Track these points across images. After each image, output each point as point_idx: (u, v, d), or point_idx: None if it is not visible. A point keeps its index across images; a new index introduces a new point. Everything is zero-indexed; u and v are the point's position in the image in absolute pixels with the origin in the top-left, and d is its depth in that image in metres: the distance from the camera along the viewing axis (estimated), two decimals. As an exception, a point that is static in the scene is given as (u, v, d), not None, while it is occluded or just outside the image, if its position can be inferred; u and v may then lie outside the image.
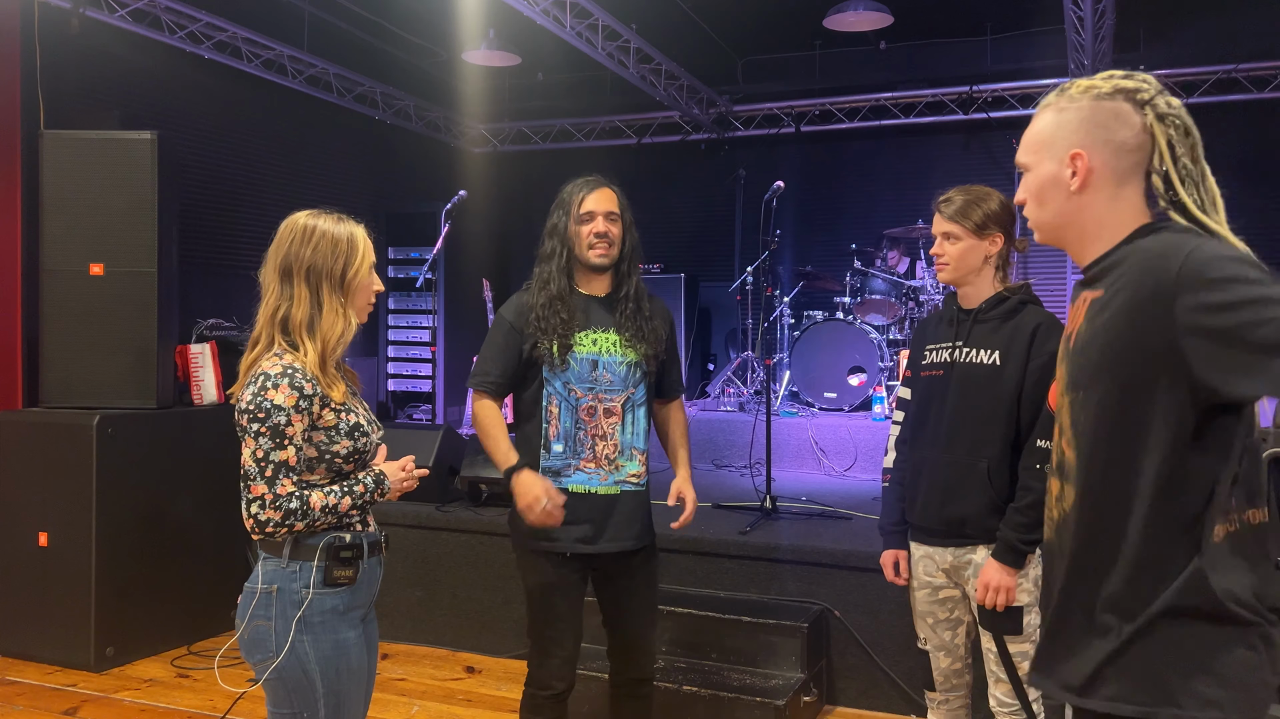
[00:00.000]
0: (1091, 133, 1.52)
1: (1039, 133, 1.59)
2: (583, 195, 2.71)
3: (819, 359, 6.71)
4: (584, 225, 2.69)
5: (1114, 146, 1.51)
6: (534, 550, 2.69)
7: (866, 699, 3.86)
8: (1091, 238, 1.55)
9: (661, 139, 8.33)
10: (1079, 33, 5.88)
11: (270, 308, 2.09)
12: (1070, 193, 1.54)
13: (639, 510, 2.74)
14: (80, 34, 5.09)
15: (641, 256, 2.81)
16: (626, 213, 2.75)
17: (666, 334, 2.83)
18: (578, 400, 2.67)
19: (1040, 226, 1.62)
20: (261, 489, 1.97)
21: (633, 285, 2.74)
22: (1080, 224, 1.56)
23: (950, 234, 2.54)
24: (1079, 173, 1.53)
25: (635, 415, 2.72)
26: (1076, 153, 1.53)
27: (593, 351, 2.68)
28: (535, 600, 2.71)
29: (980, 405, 2.47)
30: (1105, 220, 1.54)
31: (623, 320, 2.71)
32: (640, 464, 2.73)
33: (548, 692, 2.70)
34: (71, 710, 3.81)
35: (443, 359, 7.32)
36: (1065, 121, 1.55)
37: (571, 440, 2.67)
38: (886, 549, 2.73)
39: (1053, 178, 1.56)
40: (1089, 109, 1.53)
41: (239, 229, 6.15)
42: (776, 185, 5.43)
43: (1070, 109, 1.55)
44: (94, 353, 4.36)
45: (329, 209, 2.16)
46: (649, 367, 2.74)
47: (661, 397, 2.90)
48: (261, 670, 2.04)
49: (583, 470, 2.68)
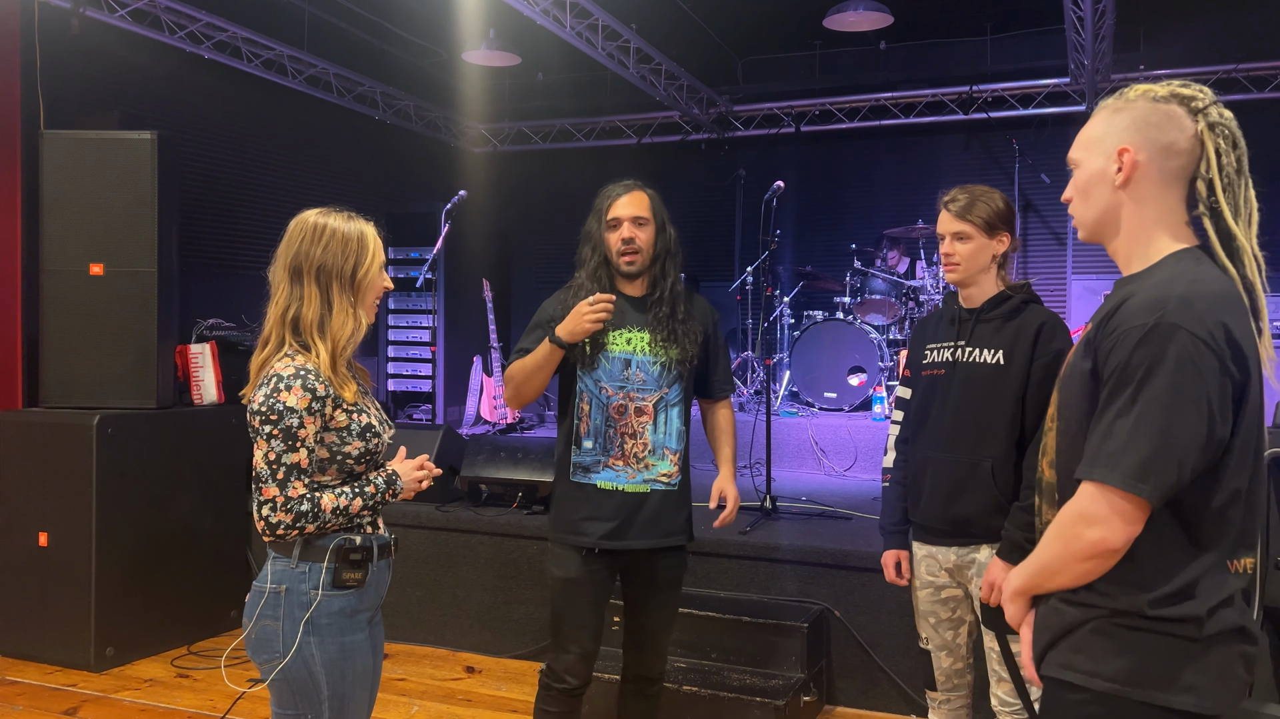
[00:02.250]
0: (1142, 131, 1.55)
1: (1092, 131, 1.62)
2: (611, 201, 2.72)
3: (819, 359, 6.71)
4: (612, 232, 2.70)
5: (1162, 146, 1.54)
6: (563, 544, 2.71)
7: (866, 699, 3.86)
8: (1135, 235, 1.57)
9: (661, 139, 8.33)
10: (1079, 33, 5.88)
11: (280, 307, 2.07)
12: (1114, 187, 1.57)
13: (670, 509, 2.73)
14: (80, 34, 5.09)
15: (679, 258, 2.78)
16: (660, 215, 2.73)
17: (710, 333, 2.83)
18: (608, 398, 2.68)
19: (1084, 223, 1.64)
20: (273, 491, 1.97)
21: (667, 287, 2.73)
22: (1120, 221, 1.58)
23: (961, 233, 2.52)
24: (1124, 167, 1.55)
25: (668, 415, 2.72)
26: (1124, 148, 1.55)
27: (626, 351, 2.69)
28: (557, 594, 2.73)
29: (984, 404, 2.46)
30: (1148, 219, 1.56)
31: (656, 322, 2.71)
32: (673, 464, 2.72)
33: (561, 684, 2.71)
34: (71, 710, 3.80)
35: (443, 359, 7.32)
36: (1118, 121, 1.58)
37: (601, 437, 2.68)
38: (888, 549, 2.72)
39: (1099, 172, 1.59)
40: (1143, 110, 1.56)
41: (239, 229, 6.15)
42: (776, 185, 5.43)
43: (1125, 110, 1.58)
44: (94, 353, 4.36)
45: (339, 207, 2.15)
46: (683, 369, 2.73)
47: (707, 396, 2.90)
48: (267, 671, 2.03)
49: (610, 468, 2.68)
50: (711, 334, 2.84)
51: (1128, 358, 1.44)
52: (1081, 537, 1.46)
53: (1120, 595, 1.47)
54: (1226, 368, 1.42)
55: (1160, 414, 1.41)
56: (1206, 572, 1.46)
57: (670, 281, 2.74)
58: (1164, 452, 1.40)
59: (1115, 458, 1.42)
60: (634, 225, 2.68)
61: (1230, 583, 1.47)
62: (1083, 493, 1.46)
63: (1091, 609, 1.50)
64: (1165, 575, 1.46)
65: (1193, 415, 1.40)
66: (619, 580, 2.81)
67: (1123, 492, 1.42)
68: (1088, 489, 1.45)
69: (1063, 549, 1.50)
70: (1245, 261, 1.52)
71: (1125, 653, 1.47)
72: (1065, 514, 1.50)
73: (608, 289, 2.68)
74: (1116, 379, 1.45)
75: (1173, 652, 1.45)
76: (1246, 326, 1.47)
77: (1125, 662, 1.47)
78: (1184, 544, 1.46)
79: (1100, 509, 1.44)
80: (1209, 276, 1.49)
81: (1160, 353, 1.41)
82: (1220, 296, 1.46)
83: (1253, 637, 1.50)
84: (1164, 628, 1.45)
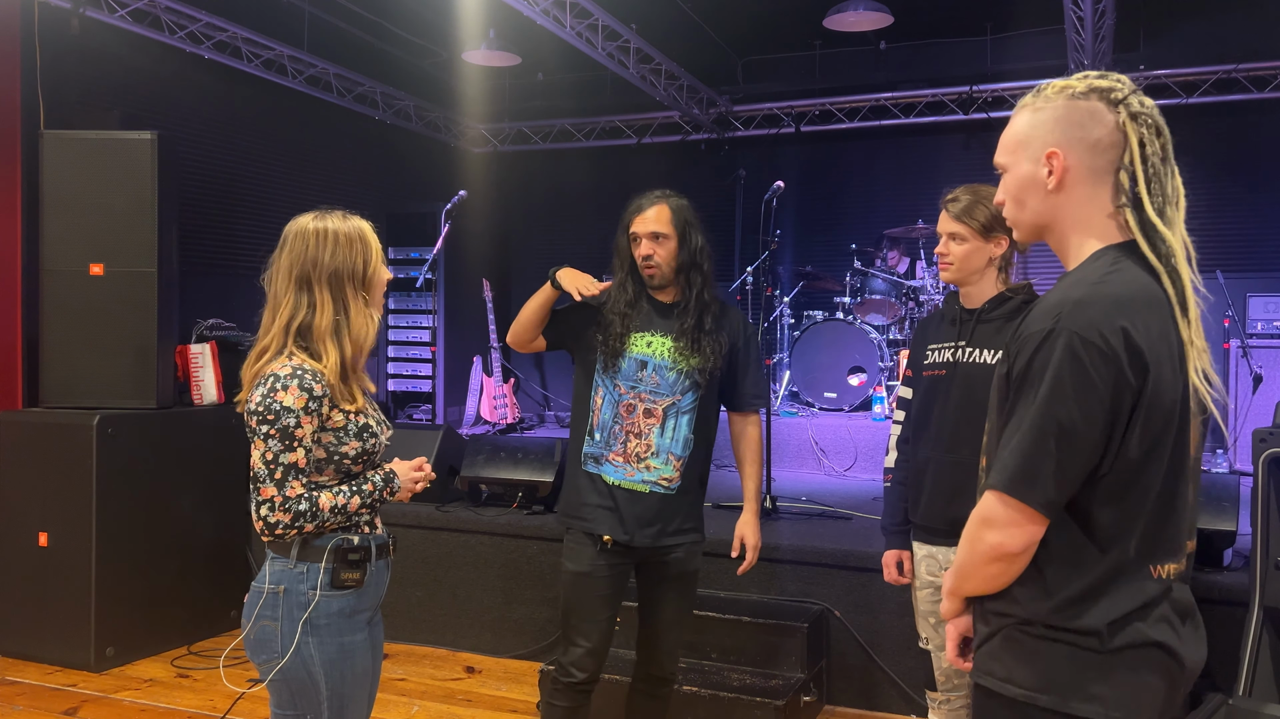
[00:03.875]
0: (1067, 131, 1.52)
1: (1015, 133, 1.59)
2: (633, 216, 2.75)
3: (819, 359, 6.71)
4: (634, 247, 2.75)
5: (1089, 145, 1.51)
6: (574, 535, 2.75)
7: (866, 699, 3.86)
8: (1069, 237, 1.56)
9: (661, 139, 8.33)
10: (1079, 33, 5.88)
11: (284, 317, 2.05)
12: (1047, 192, 1.55)
13: (669, 512, 2.74)
14: (80, 34, 5.09)
15: (706, 268, 2.78)
16: (682, 227, 2.74)
17: (739, 345, 2.83)
18: (620, 396, 2.72)
19: (1019, 226, 1.62)
20: (271, 491, 1.97)
21: (693, 297, 2.74)
22: (1059, 223, 1.56)
23: (956, 234, 2.53)
24: (1055, 171, 1.53)
25: (678, 422, 2.74)
26: (1052, 152, 1.53)
27: (645, 353, 2.72)
28: (568, 587, 2.76)
29: (984, 405, 2.44)
30: (1081, 219, 1.54)
31: (681, 330, 2.73)
32: (674, 470, 2.74)
33: (568, 678, 2.72)
34: (71, 710, 3.80)
35: (443, 359, 7.32)
36: (1041, 121, 1.55)
37: (607, 432, 2.73)
38: (889, 549, 2.73)
39: (1030, 177, 1.56)
40: (1064, 108, 1.53)
41: (239, 229, 6.15)
42: (776, 185, 5.43)
43: (1046, 109, 1.55)
44: (94, 353, 4.36)
45: (330, 208, 2.14)
46: (700, 378, 2.74)
47: (734, 408, 2.91)
48: (266, 671, 2.03)
49: (611, 462, 2.73)
50: (741, 346, 2.84)
51: (1027, 364, 1.44)
52: (983, 539, 1.47)
53: (1027, 603, 1.47)
54: (1121, 372, 1.39)
55: (1046, 420, 1.40)
56: (1114, 577, 1.44)
57: (696, 291, 2.75)
58: (1047, 459, 1.40)
59: (1005, 464, 1.43)
60: (651, 241, 2.71)
61: (1149, 588, 1.45)
62: (985, 497, 1.47)
63: (1004, 618, 1.50)
64: (1067, 581, 1.45)
65: (1079, 420, 1.39)
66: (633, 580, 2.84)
67: (1011, 498, 1.42)
68: (987, 494, 1.47)
69: (970, 552, 1.50)
70: (1172, 252, 1.48)
71: (1032, 661, 1.47)
72: (972, 517, 1.50)
73: (635, 298, 2.74)
74: (1017, 385, 1.46)
75: (1077, 662, 1.44)
76: (1160, 326, 1.43)
77: (1033, 669, 1.46)
78: (1088, 550, 1.44)
79: (997, 514, 1.45)
80: (1119, 279, 1.46)
81: (1049, 359, 1.41)
82: (1125, 299, 1.43)
83: (1174, 652, 1.45)
84: (1067, 638, 1.44)
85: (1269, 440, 3.14)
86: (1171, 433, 1.45)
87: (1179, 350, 1.45)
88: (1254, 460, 3.15)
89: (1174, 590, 1.48)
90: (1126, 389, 1.40)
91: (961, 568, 1.54)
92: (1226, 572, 3.51)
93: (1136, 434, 1.41)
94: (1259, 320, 6.02)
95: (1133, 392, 1.40)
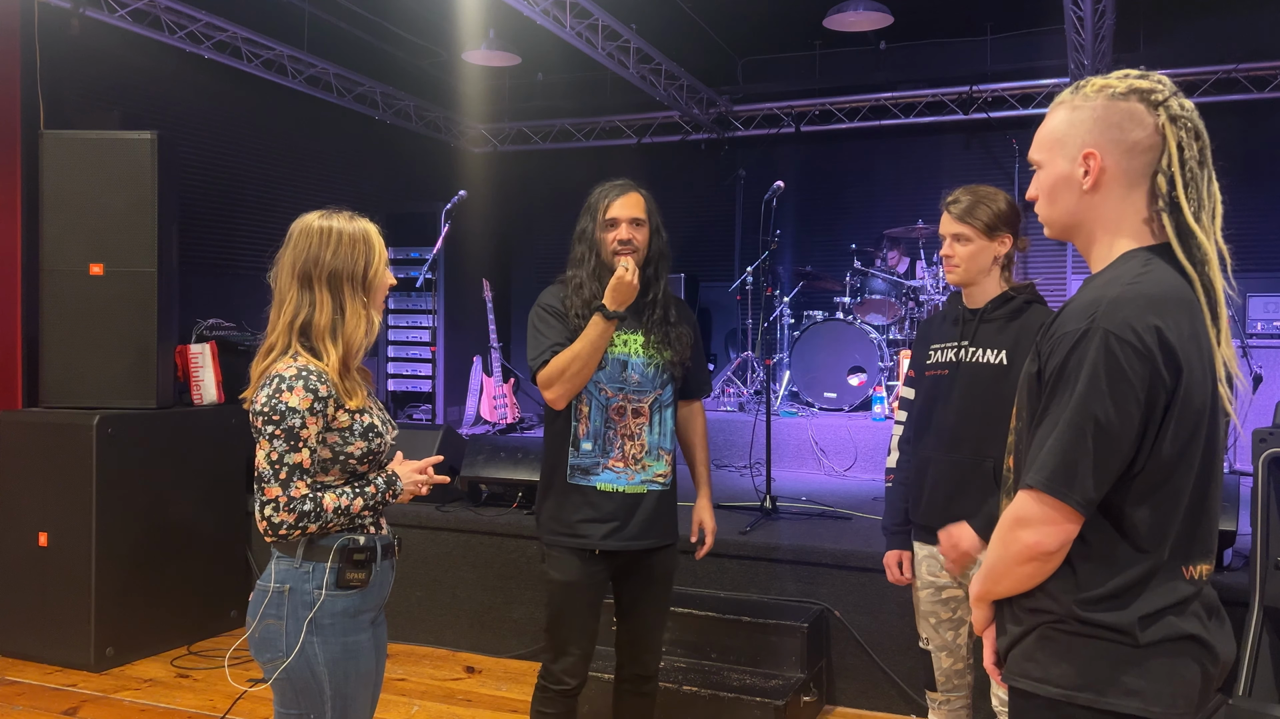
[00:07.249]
0: (1105, 132, 1.51)
1: (1052, 130, 1.58)
2: (608, 201, 2.70)
3: (819, 359, 6.71)
4: (609, 232, 2.69)
5: (1126, 147, 1.51)
6: (562, 547, 2.71)
7: (866, 699, 3.86)
8: (1099, 237, 1.56)
9: (661, 139, 8.33)
10: (1079, 33, 5.88)
11: (288, 315, 2.06)
12: (1082, 192, 1.54)
13: (664, 509, 2.75)
14: (80, 34, 5.09)
15: (670, 261, 2.79)
16: (654, 217, 2.73)
17: (696, 335, 2.85)
18: (608, 400, 2.68)
19: (1050, 223, 1.62)
20: (275, 491, 1.97)
21: (659, 290, 2.74)
22: (1089, 223, 1.56)
23: (961, 235, 2.53)
24: (1091, 172, 1.53)
25: (662, 417, 2.74)
26: (1089, 152, 1.52)
27: (623, 352, 2.70)
28: (557, 596, 2.72)
29: (986, 405, 2.46)
30: (1114, 220, 1.54)
31: (649, 324, 2.72)
32: (666, 464, 2.75)
33: (560, 686, 2.71)
34: (71, 710, 3.80)
35: (443, 359, 7.32)
36: (1079, 120, 1.54)
37: (601, 439, 2.68)
38: (890, 549, 2.73)
39: (1065, 176, 1.56)
40: (1103, 108, 1.52)
41: (239, 229, 6.15)
42: (776, 185, 5.43)
43: (1084, 107, 1.54)
44: (94, 353, 4.36)
45: (337, 208, 2.14)
46: (675, 371, 2.75)
47: (685, 396, 2.90)
48: (270, 670, 2.04)
49: (610, 469, 2.69)
50: (696, 336, 2.86)
51: (1062, 363, 1.44)
52: (1018, 539, 1.47)
53: (1061, 600, 1.47)
54: (1156, 369, 1.39)
55: (1083, 418, 1.40)
56: (1148, 578, 1.44)
57: (663, 284, 2.76)
58: (1085, 457, 1.40)
59: (1042, 462, 1.43)
60: (631, 226, 2.68)
61: (1181, 589, 1.45)
62: (1019, 497, 1.48)
63: (1039, 615, 1.50)
64: (1099, 579, 1.45)
65: (1115, 417, 1.39)
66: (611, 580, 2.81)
67: (1049, 496, 1.42)
68: (1022, 493, 1.47)
69: (1003, 552, 1.50)
70: (1206, 258, 1.48)
71: (1068, 658, 1.47)
72: (1004, 518, 1.51)
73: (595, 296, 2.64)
74: (1051, 384, 1.46)
75: (1112, 657, 1.44)
76: (1190, 328, 1.44)
77: (1069, 667, 1.46)
78: (1122, 548, 1.45)
79: (1032, 513, 1.45)
80: (1153, 278, 1.46)
81: (1085, 357, 1.41)
82: (1158, 298, 1.43)
83: (1207, 645, 1.46)
84: (1099, 633, 1.45)
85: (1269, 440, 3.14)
86: (1202, 434, 1.45)
87: (1209, 353, 1.46)
88: (1254, 460, 3.15)
89: (1204, 591, 1.49)
90: (1161, 387, 1.41)
91: (993, 569, 1.53)
92: (1226, 572, 3.51)
93: (1170, 433, 1.42)
94: (1259, 320, 6.02)
95: (1166, 390, 1.41)
